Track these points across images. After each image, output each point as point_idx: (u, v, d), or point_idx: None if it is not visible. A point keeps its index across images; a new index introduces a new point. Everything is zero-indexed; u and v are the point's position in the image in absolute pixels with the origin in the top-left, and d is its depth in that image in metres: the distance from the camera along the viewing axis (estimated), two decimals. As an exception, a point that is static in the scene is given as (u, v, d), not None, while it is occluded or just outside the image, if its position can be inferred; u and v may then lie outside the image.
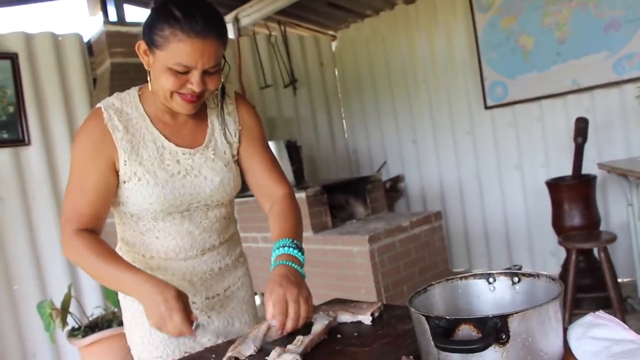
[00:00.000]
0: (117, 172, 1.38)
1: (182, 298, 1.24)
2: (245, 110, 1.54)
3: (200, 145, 1.45)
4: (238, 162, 1.53)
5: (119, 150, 1.36)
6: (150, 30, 1.28)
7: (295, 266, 1.30)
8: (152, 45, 1.28)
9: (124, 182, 1.38)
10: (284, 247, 1.33)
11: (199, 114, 1.46)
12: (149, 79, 1.38)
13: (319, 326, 1.19)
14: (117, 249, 1.54)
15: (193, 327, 1.22)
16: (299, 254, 1.33)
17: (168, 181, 1.38)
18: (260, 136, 1.55)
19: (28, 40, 4.04)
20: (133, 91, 1.45)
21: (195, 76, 1.27)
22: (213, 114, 1.49)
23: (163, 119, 1.43)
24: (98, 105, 1.40)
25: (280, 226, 1.40)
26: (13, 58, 3.94)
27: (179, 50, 1.23)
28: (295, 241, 1.35)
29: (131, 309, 1.51)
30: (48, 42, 4.12)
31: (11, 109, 3.94)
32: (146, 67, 1.35)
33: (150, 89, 1.38)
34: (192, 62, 1.25)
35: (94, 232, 1.36)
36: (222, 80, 1.42)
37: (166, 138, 1.41)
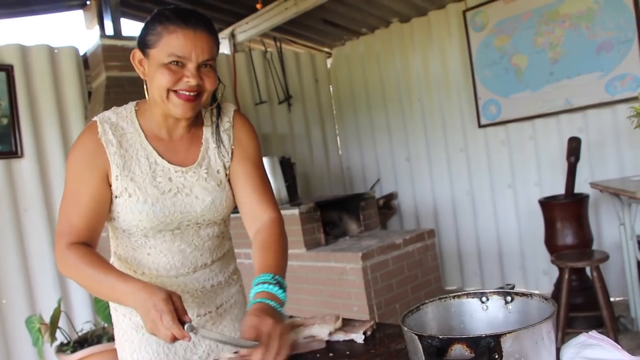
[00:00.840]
0: (110, 186, 1.37)
1: (173, 300, 1.17)
2: (241, 127, 1.51)
3: (193, 163, 1.43)
4: (228, 180, 1.49)
5: (111, 164, 1.35)
6: (144, 34, 1.31)
7: (275, 304, 1.21)
8: (146, 48, 1.30)
9: (116, 197, 1.37)
10: (264, 283, 1.24)
11: (195, 131, 1.45)
12: (145, 90, 1.38)
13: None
14: None
15: (186, 328, 1.14)
16: (280, 291, 1.24)
17: (158, 199, 1.37)
18: (253, 155, 1.50)
19: (24, 53, 4.04)
20: (130, 106, 1.44)
21: (190, 69, 1.28)
22: (208, 132, 1.47)
23: (159, 134, 1.41)
24: (94, 118, 1.39)
25: (263, 259, 1.33)
26: (8, 70, 3.94)
27: (171, 42, 1.26)
28: (276, 277, 1.26)
29: (122, 324, 1.49)
30: (44, 54, 4.12)
31: (5, 121, 3.93)
32: (142, 76, 1.36)
33: (147, 98, 1.38)
34: (185, 52, 1.26)
35: (88, 245, 1.33)
36: (218, 97, 1.42)
37: (159, 154, 1.40)
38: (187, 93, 1.30)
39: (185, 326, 1.14)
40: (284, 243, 1.40)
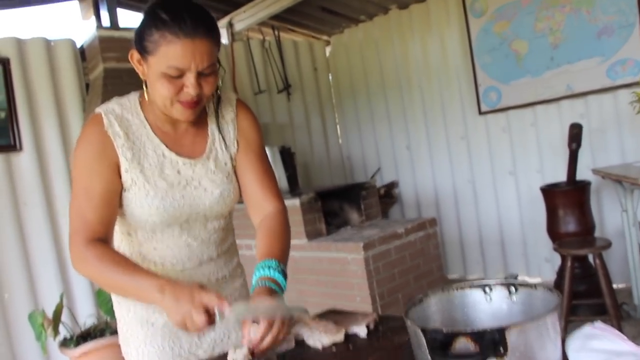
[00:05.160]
0: (120, 177, 1.34)
1: (202, 295, 1.12)
2: (245, 118, 1.50)
3: (201, 156, 1.41)
4: (234, 172, 1.48)
5: (120, 157, 1.33)
6: (140, 37, 1.25)
7: (278, 290, 1.22)
8: (144, 52, 1.25)
9: (125, 190, 1.34)
10: (270, 268, 1.24)
11: (199, 122, 1.43)
12: (144, 88, 1.35)
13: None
14: None
15: (217, 319, 1.11)
16: (283, 280, 1.25)
17: (168, 192, 1.35)
18: (257, 146, 1.49)
19: (20, 46, 4.01)
20: (133, 97, 1.41)
21: (190, 79, 1.23)
22: (213, 123, 1.45)
23: (163, 127, 1.39)
24: (98, 110, 1.36)
25: (268, 245, 1.33)
26: (5, 63, 3.91)
27: (169, 53, 1.21)
28: (281, 265, 1.27)
29: (126, 318, 1.48)
30: (40, 47, 4.09)
31: (2, 115, 3.90)
32: (141, 76, 1.32)
33: (147, 97, 1.35)
34: (184, 64, 1.22)
35: (104, 241, 1.29)
36: (219, 85, 1.38)
37: (167, 147, 1.38)
38: (189, 101, 1.27)
39: (217, 315, 1.11)
40: (288, 233, 1.41)
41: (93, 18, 4.44)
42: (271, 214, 1.42)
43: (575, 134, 3.60)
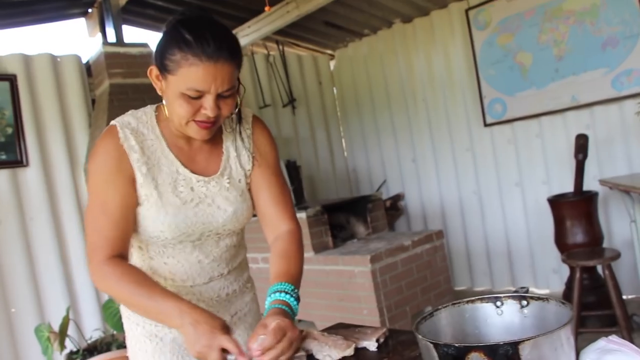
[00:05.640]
0: (136, 191, 1.32)
1: (222, 340, 1.13)
2: (260, 134, 1.48)
3: (215, 173, 1.40)
4: (249, 189, 1.47)
5: (135, 171, 1.31)
6: (161, 54, 1.23)
7: (292, 314, 1.23)
8: (163, 70, 1.24)
9: (138, 204, 1.33)
10: (285, 292, 1.26)
11: (214, 139, 1.41)
12: (163, 103, 1.34)
13: None
14: None
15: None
16: (296, 305, 1.27)
17: (180, 209, 1.34)
18: (273, 163, 1.48)
19: (27, 62, 4.05)
20: (150, 110, 1.39)
21: (209, 101, 1.22)
22: (228, 140, 1.44)
23: (178, 143, 1.38)
24: (113, 123, 1.34)
25: (283, 268, 1.33)
26: (12, 79, 3.94)
27: (190, 75, 1.19)
28: (296, 290, 1.28)
29: (135, 332, 1.46)
30: (47, 63, 4.12)
31: (9, 130, 3.93)
32: (159, 92, 1.31)
33: (166, 113, 1.34)
34: (204, 87, 1.20)
35: (123, 257, 1.29)
36: (238, 103, 1.36)
37: (181, 163, 1.37)
38: (206, 121, 1.26)
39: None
40: (301, 255, 1.41)
41: (99, 34, 4.48)
42: (285, 234, 1.42)
43: (581, 145, 3.59)
